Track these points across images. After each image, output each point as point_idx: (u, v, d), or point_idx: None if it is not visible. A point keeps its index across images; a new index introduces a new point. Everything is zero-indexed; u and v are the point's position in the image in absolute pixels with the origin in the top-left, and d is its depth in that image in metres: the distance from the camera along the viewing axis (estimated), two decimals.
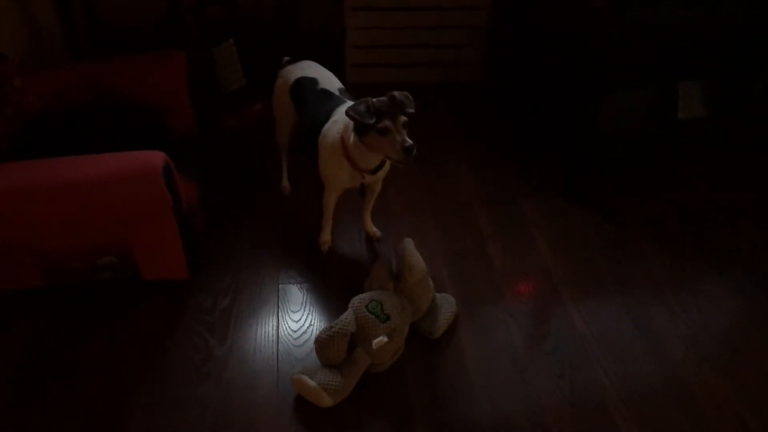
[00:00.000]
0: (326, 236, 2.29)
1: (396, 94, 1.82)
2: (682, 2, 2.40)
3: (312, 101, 2.12)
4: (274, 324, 2.03)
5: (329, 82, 2.17)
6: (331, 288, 2.16)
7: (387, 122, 1.78)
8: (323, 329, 1.81)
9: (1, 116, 2.03)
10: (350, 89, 2.18)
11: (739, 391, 1.87)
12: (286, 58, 2.33)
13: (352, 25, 3.09)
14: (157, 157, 1.85)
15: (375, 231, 2.36)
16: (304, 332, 2.00)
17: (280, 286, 2.16)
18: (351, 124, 1.88)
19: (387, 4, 3.04)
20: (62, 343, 1.94)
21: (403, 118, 1.81)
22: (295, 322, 2.04)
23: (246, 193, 2.56)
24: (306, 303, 2.11)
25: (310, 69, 2.23)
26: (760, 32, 2.51)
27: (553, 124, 2.89)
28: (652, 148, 2.74)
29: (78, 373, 1.85)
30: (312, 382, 1.73)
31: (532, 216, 2.50)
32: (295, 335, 1.99)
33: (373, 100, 1.80)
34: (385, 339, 1.79)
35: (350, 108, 1.81)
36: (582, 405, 1.82)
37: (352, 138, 1.89)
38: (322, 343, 1.78)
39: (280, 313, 2.06)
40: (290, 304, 2.10)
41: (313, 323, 2.03)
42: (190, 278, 2.12)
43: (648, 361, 1.96)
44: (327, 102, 2.07)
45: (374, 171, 2.01)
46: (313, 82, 2.15)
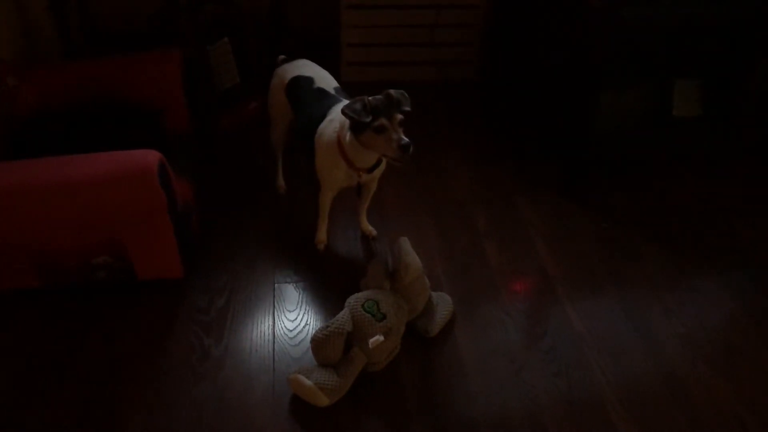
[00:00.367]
0: (322, 235, 2.28)
1: (392, 92, 1.82)
2: (678, 1, 2.41)
3: (308, 100, 2.11)
4: (270, 323, 2.02)
5: (325, 80, 2.16)
6: (327, 287, 2.15)
7: (383, 120, 1.78)
8: (319, 328, 1.80)
9: None
10: (346, 88, 2.18)
11: (736, 389, 1.87)
12: (282, 57, 2.32)
13: (348, 23, 3.08)
14: (152, 156, 1.84)
15: (371, 230, 2.35)
16: (300, 331, 2.00)
17: (276, 285, 2.16)
18: (347, 123, 1.87)
19: (382, 2, 3.03)
20: (57, 343, 1.93)
21: (399, 116, 1.80)
22: (291, 321, 2.03)
23: (242, 192, 2.55)
24: (302, 302, 2.10)
25: (306, 67, 2.22)
26: (754, 30, 2.51)
27: (550, 123, 2.89)
28: (648, 147, 2.75)
29: (73, 373, 1.84)
30: (308, 382, 1.73)
31: (528, 214, 2.50)
32: (292, 334, 1.99)
33: (369, 98, 1.80)
34: (382, 338, 1.79)
35: (346, 106, 1.80)
36: (579, 403, 1.82)
37: (348, 136, 1.88)
38: (319, 343, 1.78)
39: (276, 313, 2.06)
40: (286, 304, 2.09)
41: (309, 322, 2.03)
42: (186, 278, 2.11)
43: (645, 359, 1.96)
44: (323, 101, 2.07)
45: (370, 170, 2.01)
46: (308, 81, 2.15)
